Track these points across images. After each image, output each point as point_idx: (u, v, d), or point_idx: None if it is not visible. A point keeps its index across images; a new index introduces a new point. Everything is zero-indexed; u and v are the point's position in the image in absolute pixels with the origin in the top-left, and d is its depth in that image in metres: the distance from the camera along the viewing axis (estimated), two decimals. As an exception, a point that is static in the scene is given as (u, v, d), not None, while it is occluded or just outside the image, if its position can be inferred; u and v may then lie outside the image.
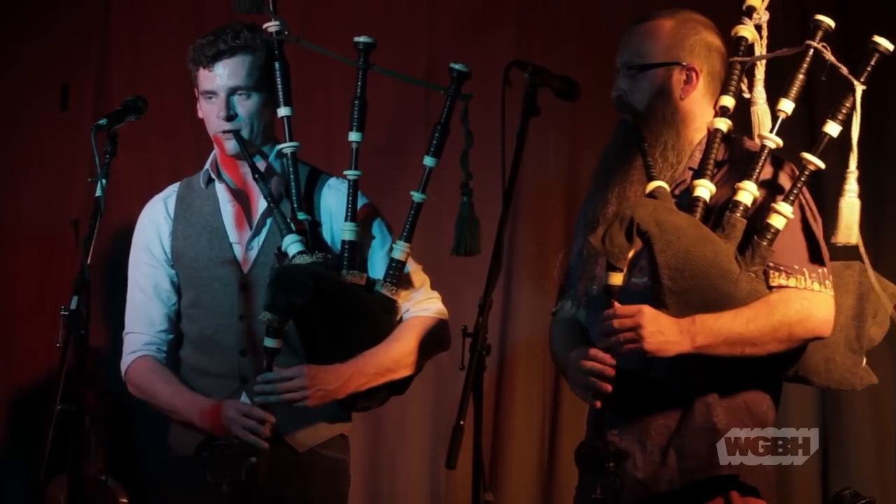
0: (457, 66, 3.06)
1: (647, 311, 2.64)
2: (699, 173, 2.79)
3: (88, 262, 2.82)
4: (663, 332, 2.63)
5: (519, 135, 2.63)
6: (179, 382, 3.14)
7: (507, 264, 4.37)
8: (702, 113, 2.85)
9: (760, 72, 2.89)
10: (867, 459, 4.36)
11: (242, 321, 3.10)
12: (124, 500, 4.23)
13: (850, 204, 2.77)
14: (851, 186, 2.78)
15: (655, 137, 2.83)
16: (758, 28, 2.89)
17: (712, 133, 2.83)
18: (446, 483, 4.51)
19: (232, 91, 3.10)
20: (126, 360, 3.21)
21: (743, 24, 2.89)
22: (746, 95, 2.88)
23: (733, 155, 2.83)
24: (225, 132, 3.11)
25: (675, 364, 2.67)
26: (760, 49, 2.88)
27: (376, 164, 3.16)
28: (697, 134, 2.85)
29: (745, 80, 2.89)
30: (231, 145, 3.11)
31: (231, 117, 3.10)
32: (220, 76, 3.10)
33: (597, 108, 4.17)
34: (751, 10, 2.89)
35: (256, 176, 3.09)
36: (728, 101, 2.85)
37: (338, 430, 3.17)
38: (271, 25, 3.16)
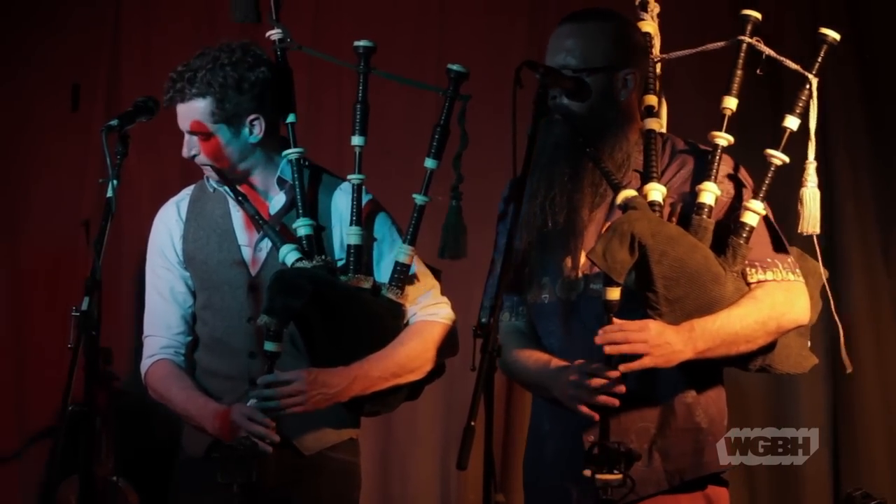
0: (454, 67, 3.05)
1: (653, 325, 2.64)
2: (647, 177, 2.78)
3: (100, 262, 2.82)
4: (670, 342, 2.64)
5: (530, 135, 2.62)
6: (193, 387, 3.13)
7: (517, 265, 4.35)
8: (635, 111, 2.86)
9: (657, 67, 2.92)
10: (878, 460, 4.35)
11: (251, 323, 3.09)
12: (135, 501, 4.24)
13: (812, 194, 2.79)
14: (811, 177, 2.79)
15: (603, 141, 2.80)
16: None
17: (647, 134, 2.82)
18: (457, 484, 4.51)
19: (191, 132, 3.08)
20: (145, 364, 3.21)
21: (642, 19, 2.89)
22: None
23: (673, 152, 2.83)
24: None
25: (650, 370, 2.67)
26: (659, 43, 2.89)
27: (387, 166, 3.14)
28: (634, 134, 2.85)
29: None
30: (210, 174, 3.13)
31: (194, 156, 3.09)
32: (180, 118, 3.09)
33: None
34: (645, 4, 2.90)
35: (240, 199, 3.08)
36: (653, 100, 2.86)
37: (346, 435, 3.15)
38: (274, 33, 3.15)
